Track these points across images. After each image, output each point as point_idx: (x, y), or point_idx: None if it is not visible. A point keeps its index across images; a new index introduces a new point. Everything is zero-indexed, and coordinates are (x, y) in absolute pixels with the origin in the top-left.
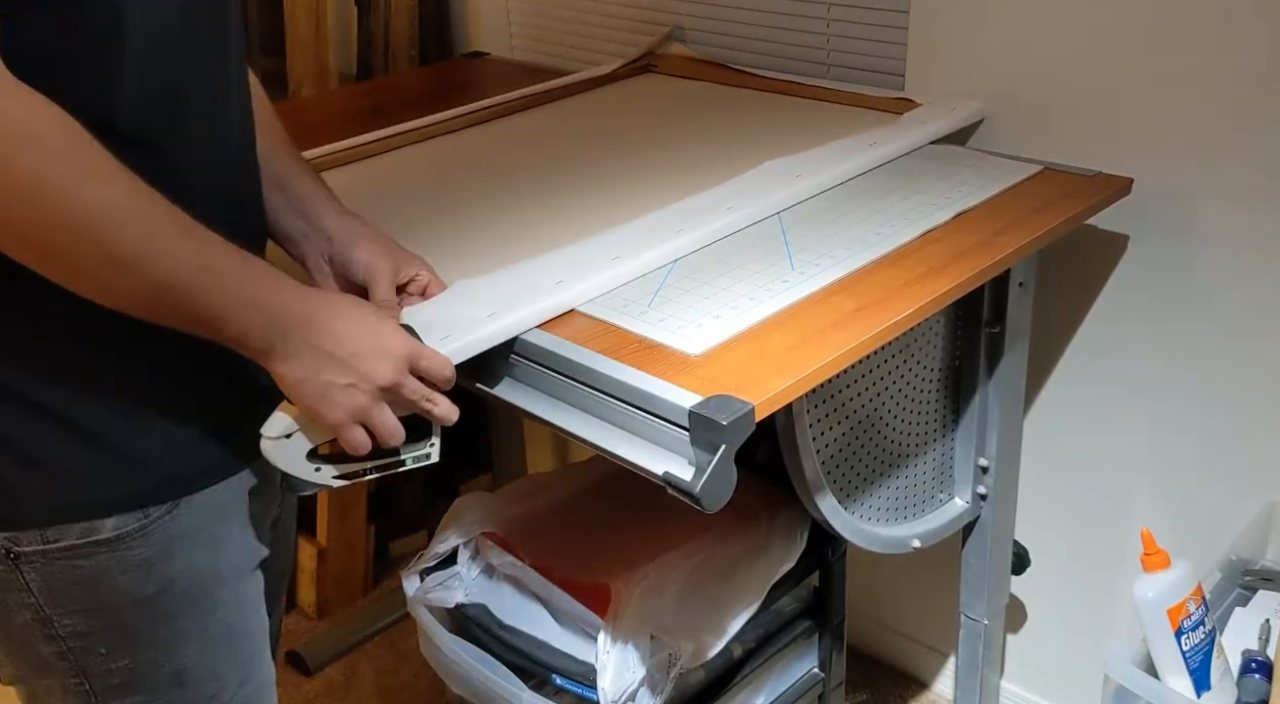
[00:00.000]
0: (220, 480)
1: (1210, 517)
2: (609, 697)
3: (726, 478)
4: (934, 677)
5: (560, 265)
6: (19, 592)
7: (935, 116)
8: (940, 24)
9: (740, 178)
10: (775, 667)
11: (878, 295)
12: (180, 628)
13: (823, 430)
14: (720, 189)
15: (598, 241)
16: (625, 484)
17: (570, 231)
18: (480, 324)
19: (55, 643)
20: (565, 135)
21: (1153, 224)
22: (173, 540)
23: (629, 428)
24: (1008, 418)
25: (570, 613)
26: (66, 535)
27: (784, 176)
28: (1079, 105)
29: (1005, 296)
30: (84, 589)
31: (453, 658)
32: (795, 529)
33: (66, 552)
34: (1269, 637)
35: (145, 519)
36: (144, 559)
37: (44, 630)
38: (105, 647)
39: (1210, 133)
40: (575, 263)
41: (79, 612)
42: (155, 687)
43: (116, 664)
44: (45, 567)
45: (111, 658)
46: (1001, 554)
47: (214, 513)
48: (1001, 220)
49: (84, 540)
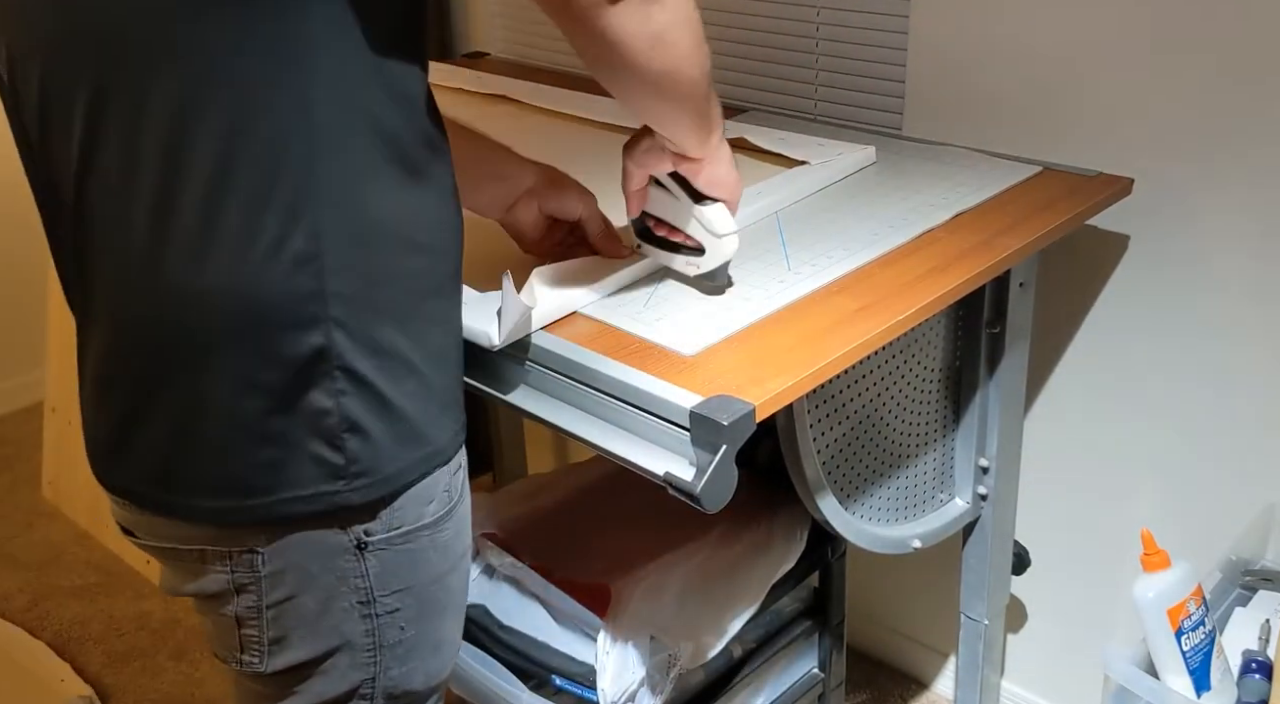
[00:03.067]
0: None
1: (1210, 517)
2: (609, 697)
3: (727, 478)
4: (934, 677)
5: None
6: (356, 578)
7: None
8: (940, 24)
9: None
10: (775, 667)
11: (879, 295)
12: (454, 600)
13: (823, 431)
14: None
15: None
16: (625, 485)
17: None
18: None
19: (368, 621)
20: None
21: (1154, 224)
22: (461, 520)
23: (630, 428)
24: (1008, 418)
25: (570, 613)
26: (405, 521)
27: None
28: (1079, 105)
29: (1006, 297)
30: (408, 570)
31: None
32: (795, 529)
33: (404, 536)
34: (1269, 637)
35: (451, 504)
36: (448, 540)
37: (363, 611)
38: (404, 620)
39: (1211, 133)
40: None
41: (398, 591)
42: (422, 654)
43: (406, 635)
44: (385, 552)
45: (405, 630)
46: (1002, 554)
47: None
48: (1002, 220)
49: (416, 525)
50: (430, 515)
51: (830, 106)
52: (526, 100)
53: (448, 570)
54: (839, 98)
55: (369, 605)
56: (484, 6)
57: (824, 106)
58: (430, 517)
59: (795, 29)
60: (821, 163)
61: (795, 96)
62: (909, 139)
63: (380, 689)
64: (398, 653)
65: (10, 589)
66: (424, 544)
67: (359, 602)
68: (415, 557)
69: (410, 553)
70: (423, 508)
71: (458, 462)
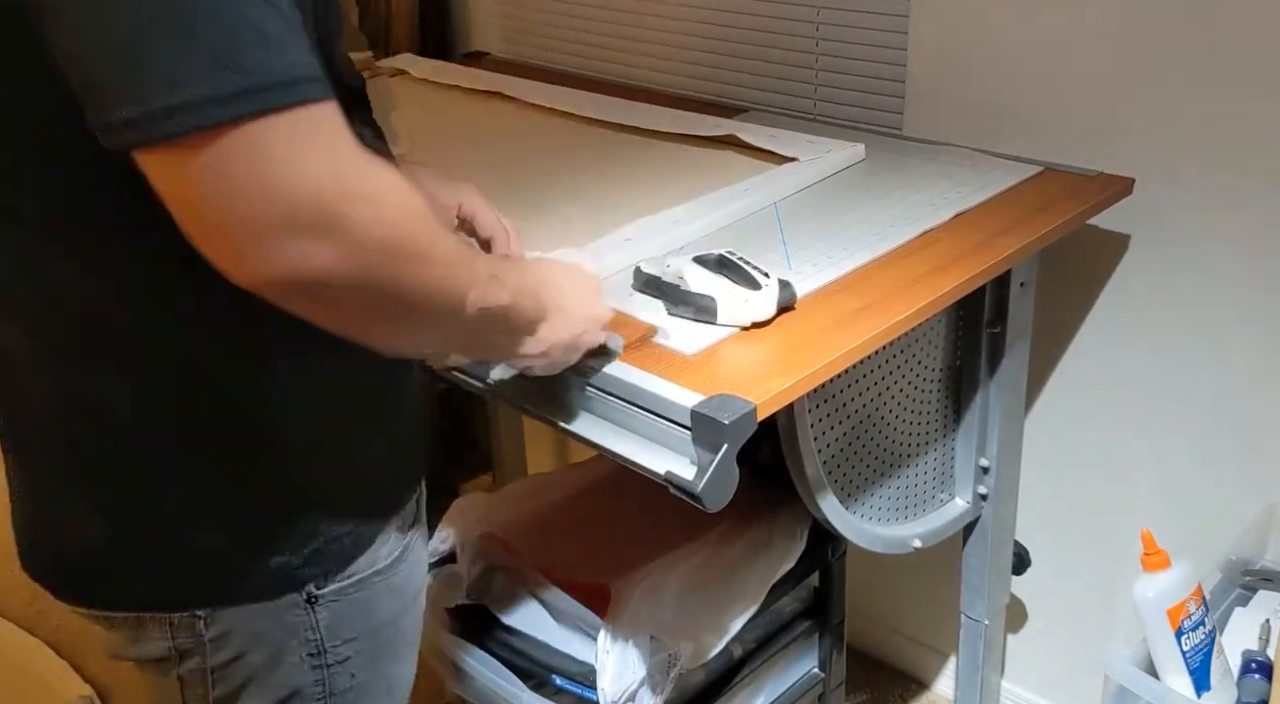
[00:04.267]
0: (414, 492)
1: (1210, 517)
2: (609, 697)
3: (728, 477)
4: (934, 677)
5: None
6: (306, 631)
7: (814, 163)
8: (940, 24)
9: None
10: (775, 667)
11: (879, 295)
12: (406, 640)
13: (824, 430)
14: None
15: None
16: (625, 484)
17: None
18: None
19: (319, 671)
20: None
21: (1154, 224)
22: (416, 561)
23: (631, 427)
24: (1009, 418)
25: (570, 613)
26: (358, 570)
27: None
28: (1079, 105)
29: (1007, 296)
30: (360, 617)
31: (453, 658)
32: (795, 529)
33: (356, 585)
34: (1269, 637)
35: (404, 544)
36: (400, 582)
37: (313, 662)
38: (355, 667)
39: (1211, 133)
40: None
41: (350, 639)
42: (374, 697)
43: (357, 680)
44: (336, 603)
45: (356, 675)
46: (1002, 554)
47: (420, 531)
48: (1003, 220)
49: (368, 571)
50: (384, 559)
51: (830, 106)
52: (521, 97)
53: (400, 612)
54: (839, 98)
55: (319, 656)
56: (484, 6)
57: (824, 106)
58: (384, 560)
59: (795, 29)
60: (810, 160)
61: (795, 96)
62: (909, 139)
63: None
64: (348, 698)
65: (8, 587)
66: (378, 590)
67: (308, 654)
68: (368, 603)
69: (362, 601)
70: (375, 553)
71: (412, 498)
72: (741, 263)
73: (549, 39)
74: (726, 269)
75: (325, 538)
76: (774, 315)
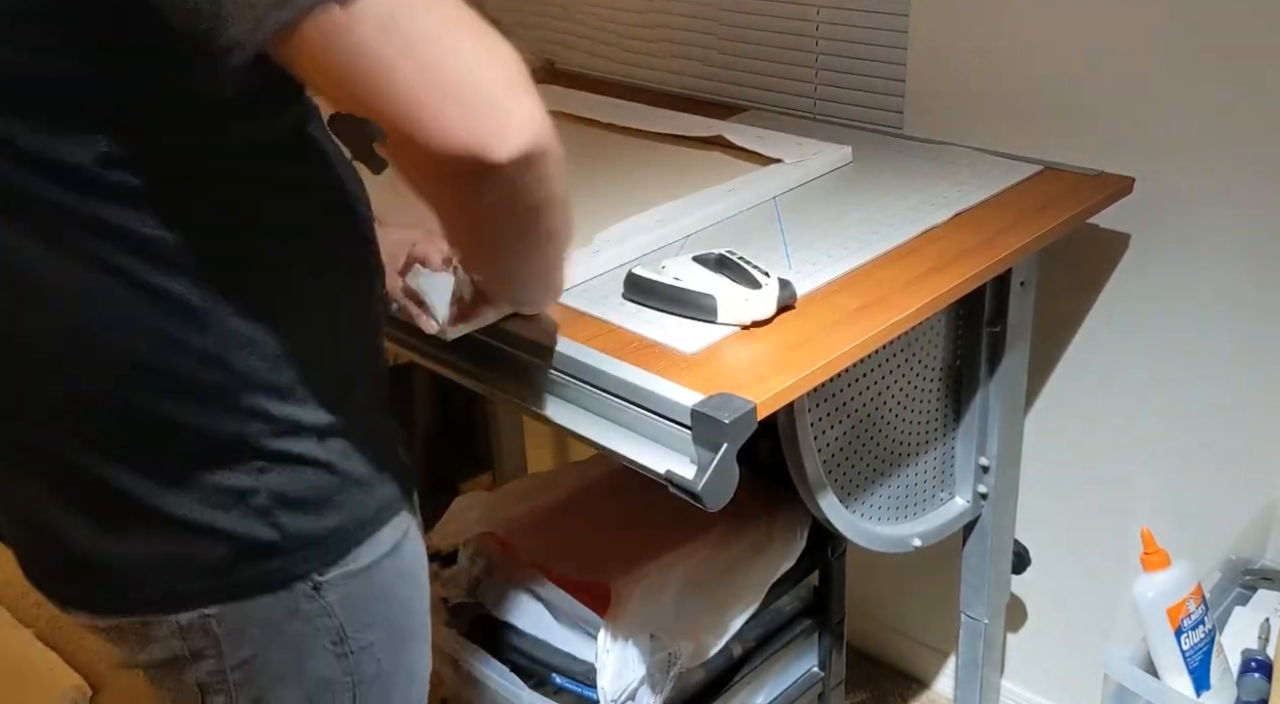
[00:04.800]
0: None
1: (1210, 516)
2: (609, 696)
3: (729, 476)
4: (934, 676)
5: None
6: (323, 618)
7: (799, 166)
8: (940, 24)
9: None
10: (775, 666)
11: (879, 294)
12: (421, 625)
13: (824, 429)
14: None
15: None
16: (625, 483)
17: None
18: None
19: (344, 660)
20: None
21: (1154, 223)
22: (417, 543)
23: (631, 426)
24: (1009, 417)
25: (570, 612)
26: (360, 557)
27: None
28: (1079, 105)
29: (1007, 296)
30: (373, 603)
31: (453, 657)
32: (795, 528)
33: (363, 570)
34: (1269, 636)
35: (407, 527)
36: (410, 566)
37: (337, 650)
38: (381, 654)
39: (1212, 132)
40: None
41: (369, 625)
42: (397, 684)
43: (382, 667)
44: (344, 588)
45: (381, 663)
46: (1002, 553)
47: (417, 519)
48: (1003, 219)
49: (374, 557)
50: (387, 543)
51: (830, 106)
52: None
53: (412, 596)
54: (839, 97)
55: (342, 643)
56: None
57: (824, 106)
58: (387, 544)
59: (795, 28)
60: (795, 162)
61: (795, 96)
62: (909, 138)
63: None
64: (375, 688)
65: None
66: (386, 574)
67: (331, 642)
68: (379, 588)
69: (373, 585)
70: (378, 537)
71: (405, 489)
72: (741, 262)
73: (549, 39)
74: (726, 268)
75: (321, 525)
76: (774, 314)
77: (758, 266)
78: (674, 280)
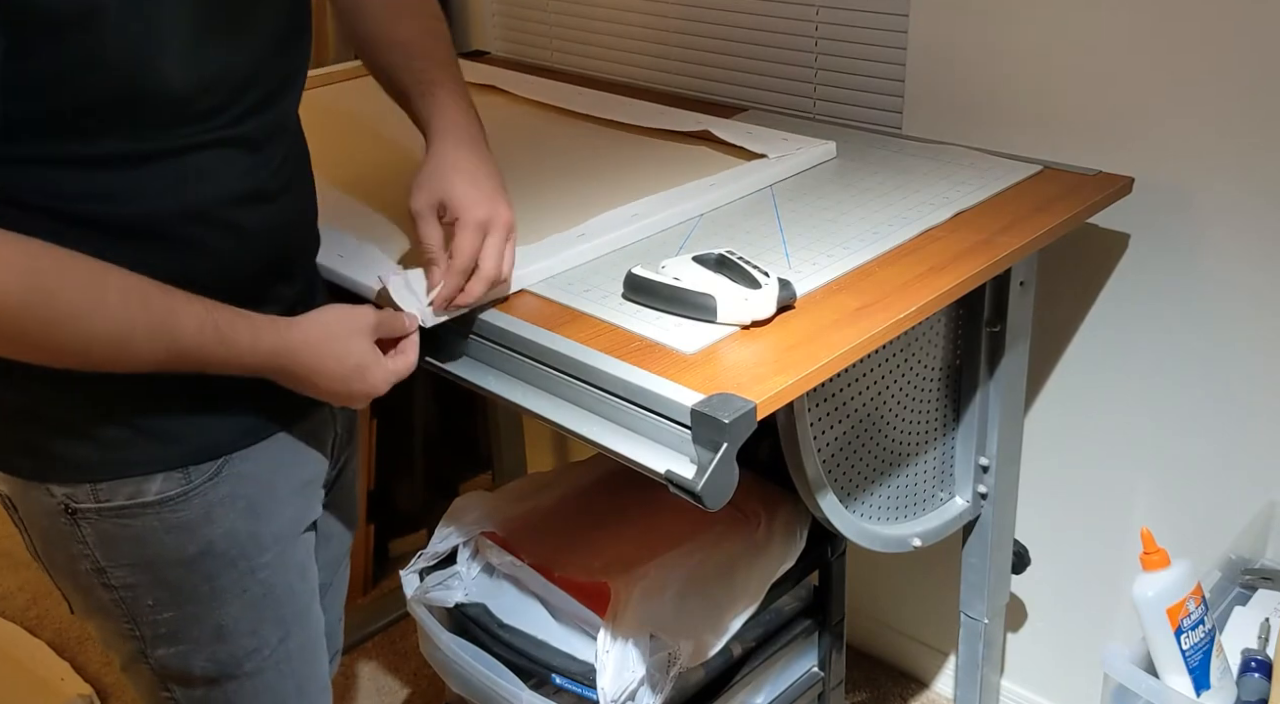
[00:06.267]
0: (256, 442)
1: (1210, 516)
2: (608, 696)
3: (728, 476)
4: (934, 676)
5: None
6: (78, 543)
7: (782, 161)
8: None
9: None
10: (775, 666)
11: (879, 294)
12: (220, 586)
13: (824, 429)
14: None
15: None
16: (625, 483)
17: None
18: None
19: (110, 591)
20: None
21: (1154, 223)
22: (213, 506)
23: (631, 426)
24: (1008, 417)
25: (570, 612)
26: (116, 496)
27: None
28: (1079, 105)
29: (1006, 295)
30: (133, 546)
31: (452, 658)
32: (795, 528)
33: (117, 511)
34: (1269, 636)
35: (187, 485)
36: (186, 521)
37: (100, 579)
38: (152, 599)
39: (1211, 132)
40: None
41: (129, 566)
42: (197, 639)
43: (162, 615)
44: (99, 523)
45: (157, 610)
46: (1002, 553)
47: (255, 481)
48: (1002, 219)
49: (132, 502)
50: (153, 494)
51: (830, 106)
52: (516, 92)
53: (192, 557)
54: (839, 97)
55: (103, 575)
56: (484, 6)
57: (823, 106)
58: (153, 495)
59: (795, 29)
60: (779, 157)
61: (795, 96)
62: (909, 138)
63: (156, 664)
64: (160, 632)
65: (10, 588)
66: (150, 523)
67: (92, 569)
68: (140, 533)
69: (132, 528)
70: (139, 486)
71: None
72: (741, 262)
73: (550, 39)
74: (726, 268)
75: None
76: (774, 314)
77: (757, 266)
78: (674, 280)
